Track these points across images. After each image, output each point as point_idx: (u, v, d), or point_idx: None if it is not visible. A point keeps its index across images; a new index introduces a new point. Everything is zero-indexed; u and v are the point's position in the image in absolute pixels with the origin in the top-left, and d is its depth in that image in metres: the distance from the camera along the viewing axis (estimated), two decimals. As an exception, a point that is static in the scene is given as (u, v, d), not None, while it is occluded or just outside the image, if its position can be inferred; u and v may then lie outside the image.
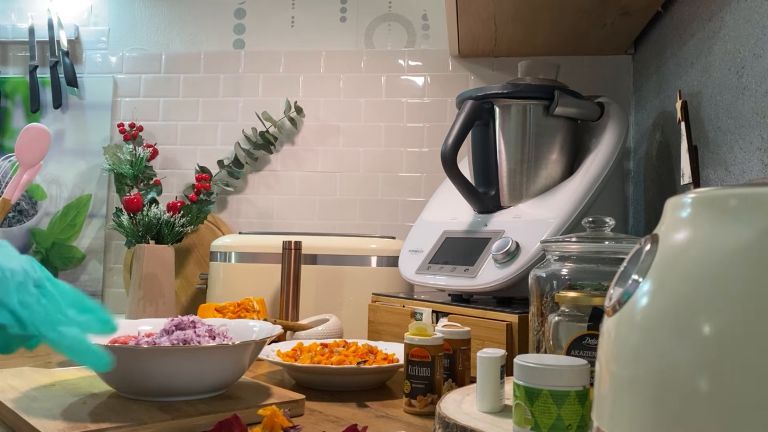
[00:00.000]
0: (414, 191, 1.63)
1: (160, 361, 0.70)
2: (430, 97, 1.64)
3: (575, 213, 1.01)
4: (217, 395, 0.76)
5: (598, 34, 1.40)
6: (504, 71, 1.60)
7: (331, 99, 1.68)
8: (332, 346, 0.95)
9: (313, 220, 1.66)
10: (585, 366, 0.55)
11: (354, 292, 1.30)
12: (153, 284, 1.36)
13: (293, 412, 0.73)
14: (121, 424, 0.63)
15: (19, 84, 1.75)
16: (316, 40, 1.70)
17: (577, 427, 0.54)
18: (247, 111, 1.70)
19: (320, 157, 1.67)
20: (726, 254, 0.32)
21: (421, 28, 1.66)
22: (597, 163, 1.07)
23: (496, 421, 0.62)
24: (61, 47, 1.73)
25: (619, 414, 0.35)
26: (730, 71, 0.90)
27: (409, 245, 1.19)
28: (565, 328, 0.67)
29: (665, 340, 0.33)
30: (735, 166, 0.88)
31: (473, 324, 0.92)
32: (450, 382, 0.80)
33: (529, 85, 1.14)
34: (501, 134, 1.13)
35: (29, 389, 0.76)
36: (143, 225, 1.42)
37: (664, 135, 1.24)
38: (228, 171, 1.67)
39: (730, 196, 0.34)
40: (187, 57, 1.73)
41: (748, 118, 0.84)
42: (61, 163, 1.72)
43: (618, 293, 0.37)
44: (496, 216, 1.09)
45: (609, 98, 1.17)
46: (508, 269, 0.97)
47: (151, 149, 1.59)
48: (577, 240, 0.71)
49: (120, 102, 1.74)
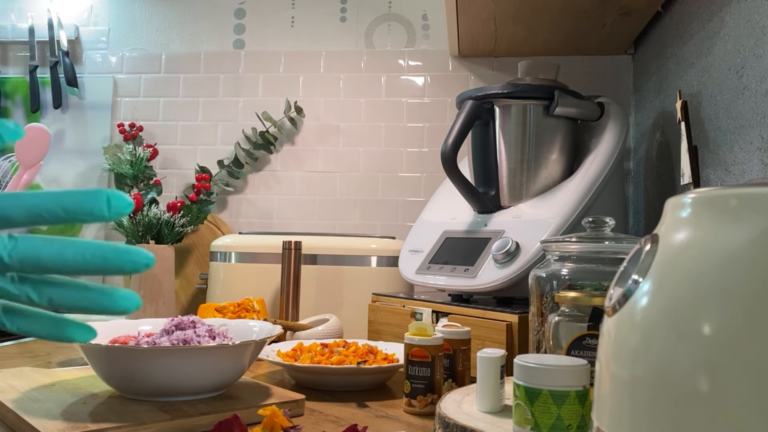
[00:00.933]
0: (414, 191, 1.63)
1: (160, 361, 0.70)
2: (430, 97, 1.64)
3: (575, 213, 1.01)
4: (217, 395, 0.76)
5: (598, 34, 1.40)
6: (504, 71, 1.60)
7: (331, 99, 1.68)
8: (332, 346, 0.95)
9: (313, 220, 1.66)
10: (585, 366, 0.55)
11: (354, 292, 1.30)
12: (153, 284, 1.36)
13: (293, 412, 0.73)
14: (121, 424, 0.63)
15: (19, 84, 1.75)
16: (316, 40, 1.70)
17: (577, 427, 0.54)
18: (247, 111, 1.70)
19: (320, 157, 1.67)
20: (726, 254, 0.32)
21: (421, 28, 1.66)
22: (597, 163, 1.07)
23: (496, 421, 0.62)
24: (61, 47, 1.73)
25: (619, 414, 0.35)
26: (730, 71, 0.90)
27: (409, 245, 1.19)
28: (565, 328, 0.67)
29: (665, 340, 0.33)
30: (735, 166, 0.88)
31: (473, 324, 0.92)
32: (450, 382, 0.80)
33: (529, 85, 1.14)
34: (501, 134, 1.13)
35: (29, 389, 0.76)
36: (143, 225, 1.42)
37: (664, 135, 1.24)
38: (228, 171, 1.67)
39: (730, 196, 0.34)
40: (187, 57, 1.73)
41: (748, 118, 0.84)
42: (61, 163, 1.72)
43: (618, 293, 0.37)
44: (496, 216, 1.09)
45: (609, 98, 1.17)
46: (508, 269, 0.97)
47: (151, 149, 1.59)
48: (577, 240, 0.71)
49: (120, 102, 1.74)
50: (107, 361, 0.72)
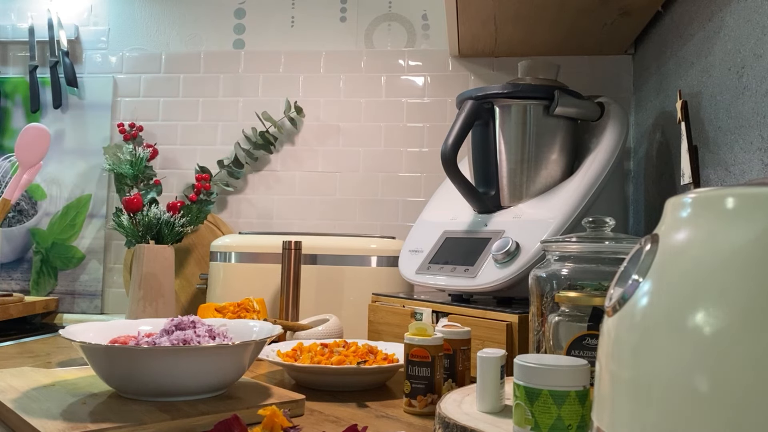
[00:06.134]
0: (414, 191, 1.63)
1: (160, 361, 0.70)
2: (430, 97, 1.64)
3: (575, 213, 1.01)
4: (217, 395, 0.76)
5: (598, 34, 1.40)
6: (504, 71, 1.60)
7: (331, 99, 1.68)
8: (332, 346, 0.95)
9: (313, 220, 1.66)
10: (585, 366, 0.55)
11: (354, 292, 1.30)
12: (153, 284, 1.36)
13: (293, 412, 0.73)
14: (121, 424, 0.63)
15: (19, 84, 1.75)
16: (316, 40, 1.70)
17: (577, 427, 0.54)
18: (247, 111, 1.70)
19: (320, 157, 1.67)
20: (726, 254, 0.32)
21: (421, 28, 1.66)
22: (597, 163, 1.07)
23: (496, 421, 0.62)
24: (61, 47, 1.73)
25: (619, 414, 0.35)
26: (730, 71, 0.90)
27: (409, 245, 1.19)
28: (565, 328, 0.67)
29: (665, 340, 0.33)
30: (735, 166, 0.88)
31: (473, 324, 0.92)
32: (450, 382, 0.80)
33: (529, 85, 1.14)
34: (501, 134, 1.13)
35: (29, 389, 0.76)
36: (143, 225, 1.42)
37: (664, 135, 1.24)
38: (228, 171, 1.67)
39: (730, 196, 0.34)
40: (187, 57, 1.73)
41: (749, 118, 0.84)
42: (61, 163, 1.72)
43: (618, 293, 0.37)
44: (496, 216, 1.09)
45: (609, 98, 1.17)
46: (508, 269, 0.97)
47: (151, 149, 1.59)
48: (577, 240, 0.71)
49: (120, 102, 1.74)
50: (107, 361, 0.72)
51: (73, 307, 1.68)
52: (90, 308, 1.68)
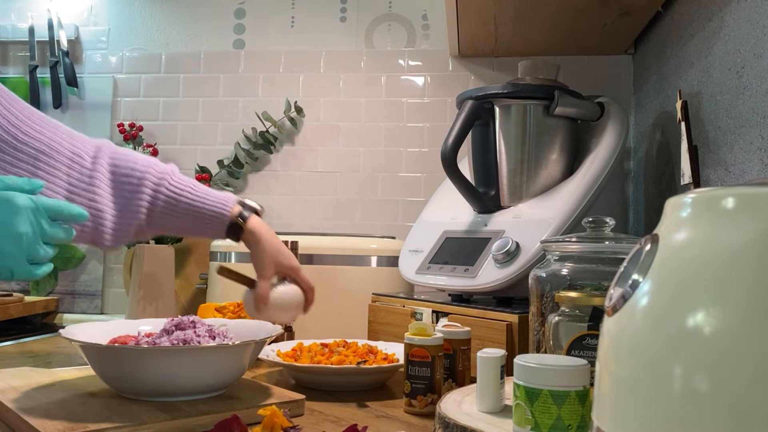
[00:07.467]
0: (414, 191, 1.63)
1: (160, 361, 0.70)
2: (430, 97, 1.64)
3: (575, 213, 1.01)
4: (217, 395, 0.76)
5: (598, 34, 1.40)
6: (504, 71, 1.60)
7: (331, 99, 1.68)
8: (332, 346, 0.95)
9: (313, 220, 1.66)
10: (585, 366, 0.55)
11: (354, 292, 1.30)
12: (153, 284, 1.36)
13: (293, 412, 0.73)
14: (121, 424, 0.63)
15: (19, 84, 1.75)
16: (316, 40, 1.70)
17: (577, 427, 0.54)
18: (247, 111, 1.70)
19: (320, 157, 1.67)
20: (726, 254, 0.32)
21: (421, 28, 1.66)
22: (597, 163, 1.07)
23: (496, 421, 0.62)
24: (61, 47, 1.73)
25: (619, 414, 0.35)
26: (730, 71, 0.90)
27: (409, 245, 1.19)
28: (565, 328, 0.67)
29: (665, 340, 0.33)
30: (735, 166, 0.88)
31: (473, 324, 0.92)
32: (450, 382, 0.80)
33: (529, 85, 1.14)
34: (501, 134, 1.13)
35: (29, 389, 0.76)
36: (143, 225, 1.42)
37: (664, 135, 1.24)
38: (228, 171, 1.67)
39: (730, 196, 0.34)
40: (187, 57, 1.73)
41: (748, 118, 0.84)
42: (61, 163, 1.72)
43: (618, 293, 0.37)
44: (496, 216, 1.09)
45: (609, 98, 1.17)
46: (508, 269, 0.97)
47: (151, 149, 1.59)
48: (577, 240, 0.71)
49: (120, 102, 1.74)
50: (107, 361, 0.72)
51: (73, 307, 1.68)
52: (90, 308, 1.68)
